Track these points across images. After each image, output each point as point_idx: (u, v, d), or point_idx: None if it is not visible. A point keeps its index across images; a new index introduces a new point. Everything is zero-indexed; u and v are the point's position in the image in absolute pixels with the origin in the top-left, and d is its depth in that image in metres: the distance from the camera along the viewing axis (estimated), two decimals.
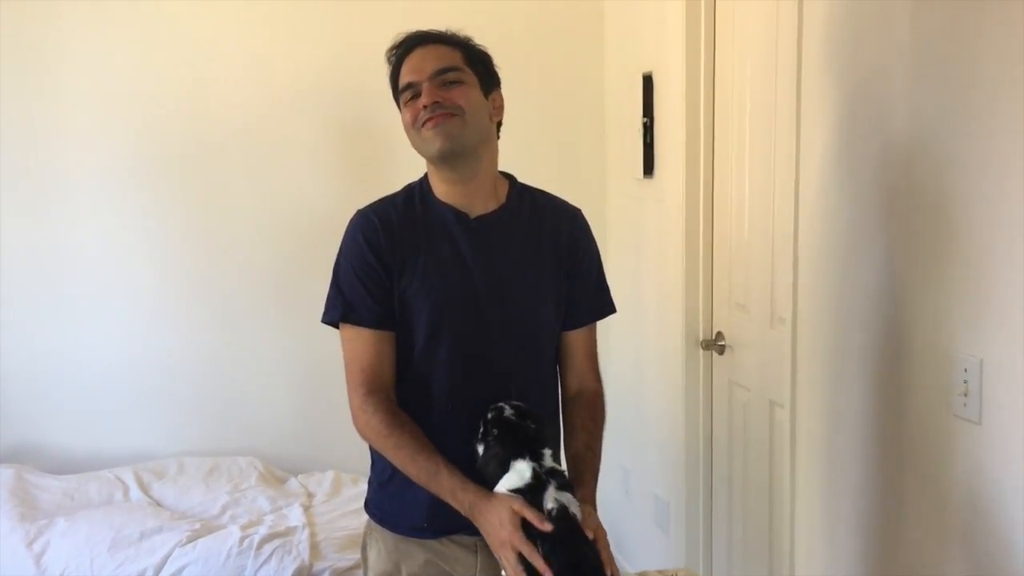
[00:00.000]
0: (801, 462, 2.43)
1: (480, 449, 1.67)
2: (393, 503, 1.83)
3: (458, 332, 1.75)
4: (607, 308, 1.93)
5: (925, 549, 1.93)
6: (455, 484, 1.63)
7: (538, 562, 1.53)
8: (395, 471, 1.76)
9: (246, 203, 3.55)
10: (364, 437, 1.74)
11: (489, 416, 1.68)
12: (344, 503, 3.16)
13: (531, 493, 1.59)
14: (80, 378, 3.49)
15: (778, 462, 2.64)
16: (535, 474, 1.61)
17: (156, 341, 3.53)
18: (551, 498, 1.59)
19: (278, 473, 3.47)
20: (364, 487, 1.93)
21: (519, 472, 1.61)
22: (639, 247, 3.50)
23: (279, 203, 3.57)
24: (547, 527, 1.55)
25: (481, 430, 1.68)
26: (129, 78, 3.44)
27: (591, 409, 1.86)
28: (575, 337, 1.88)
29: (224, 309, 3.57)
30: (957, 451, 1.80)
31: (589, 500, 1.72)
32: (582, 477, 1.75)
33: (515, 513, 1.57)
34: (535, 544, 1.55)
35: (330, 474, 3.43)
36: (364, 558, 1.91)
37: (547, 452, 1.65)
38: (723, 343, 3.01)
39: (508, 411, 1.67)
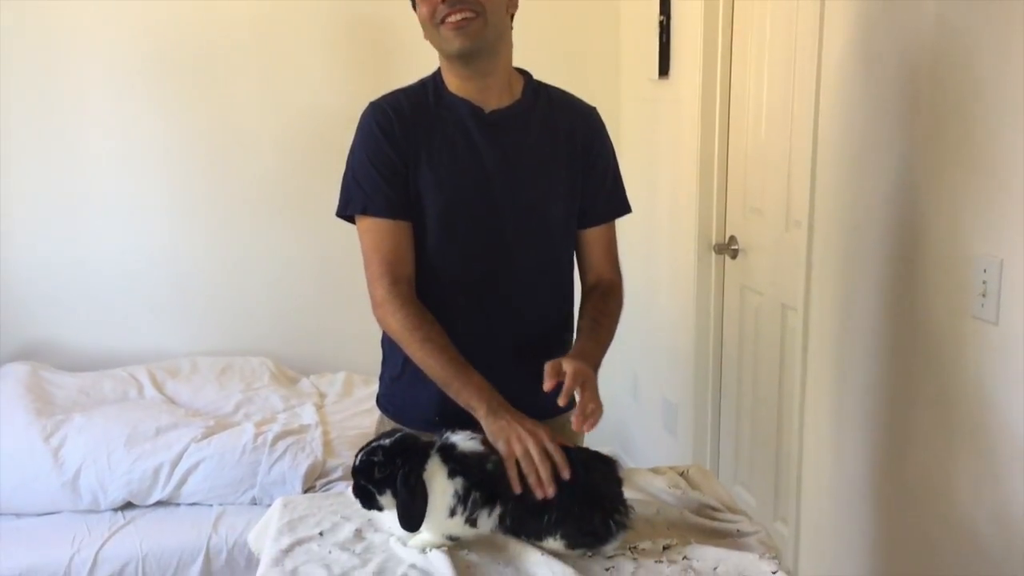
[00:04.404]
0: (812, 364, 2.44)
1: (388, 501, 1.50)
2: (405, 397, 1.84)
3: (471, 224, 1.74)
4: (622, 207, 1.90)
5: (932, 447, 1.94)
6: (482, 383, 1.61)
7: (564, 465, 1.49)
8: (406, 366, 1.77)
9: (256, 102, 3.50)
10: (388, 329, 1.73)
11: (376, 459, 1.50)
12: (355, 403, 3.19)
13: (469, 475, 1.50)
14: (92, 278, 3.49)
15: (788, 365, 2.65)
16: (455, 458, 1.51)
17: (167, 242, 3.52)
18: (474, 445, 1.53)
19: (290, 373, 3.49)
20: (375, 387, 1.93)
21: (435, 472, 1.49)
22: (653, 150, 3.45)
23: (289, 102, 3.52)
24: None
25: (375, 481, 1.50)
26: None
27: (604, 296, 1.84)
28: (591, 235, 1.86)
29: (236, 210, 3.55)
30: (972, 351, 1.80)
31: (579, 351, 1.68)
32: (578, 340, 1.74)
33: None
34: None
35: (341, 374, 3.46)
36: None
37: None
38: (736, 247, 2.99)
39: (385, 442, 1.52)
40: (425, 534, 1.53)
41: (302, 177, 3.51)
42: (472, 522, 1.50)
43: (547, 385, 1.53)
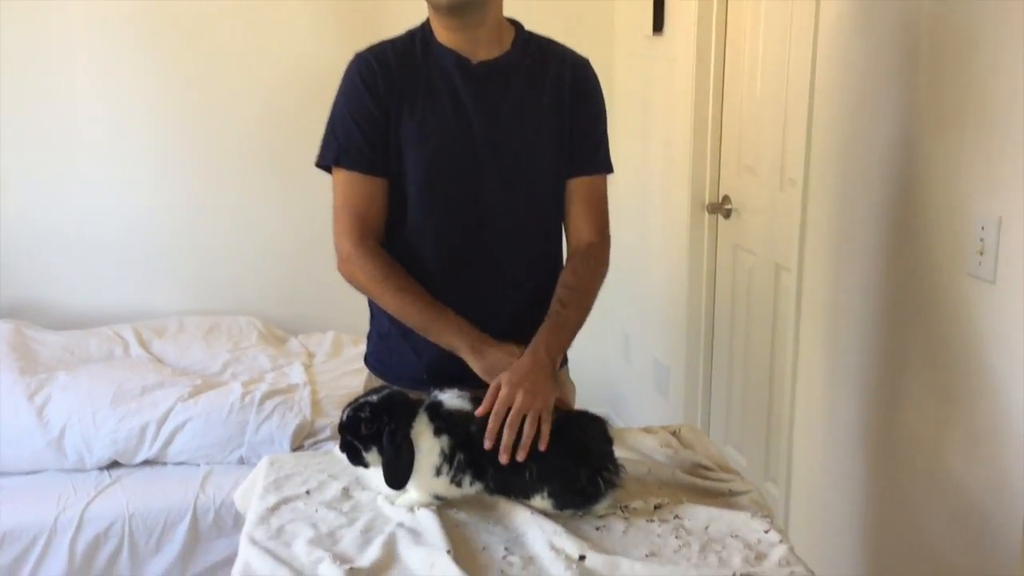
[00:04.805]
0: (805, 325, 2.42)
1: (374, 458, 1.48)
2: (393, 355, 1.81)
3: (455, 180, 1.69)
4: (603, 164, 1.82)
5: (925, 409, 1.93)
6: (462, 322, 1.60)
7: (544, 440, 1.48)
8: (394, 323, 1.74)
9: (245, 59, 3.44)
10: (356, 283, 1.70)
11: (363, 415, 1.47)
12: (344, 363, 3.16)
13: (456, 434, 1.47)
14: (77, 236, 3.44)
15: (781, 326, 2.63)
16: (442, 416, 1.48)
17: (154, 200, 3.47)
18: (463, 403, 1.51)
19: (278, 333, 3.46)
20: (364, 347, 1.90)
21: (421, 430, 1.46)
22: (646, 108, 3.40)
23: (278, 58, 3.46)
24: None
25: (361, 437, 1.48)
26: None
27: (577, 265, 1.77)
28: (572, 188, 1.79)
29: (224, 167, 3.50)
30: (968, 311, 1.77)
31: (532, 350, 1.59)
32: (540, 329, 1.64)
33: None
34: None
35: (330, 334, 3.43)
36: None
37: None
38: (730, 207, 2.95)
39: (373, 399, 1.49)
40: (412, 493, 1.51)
41: (291, 134, 3.45)
42: (457, 483, 1.48)
43: (480, 411, 1.49)
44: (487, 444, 1.46)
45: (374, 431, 1.47)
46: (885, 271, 2.04)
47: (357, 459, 1.50)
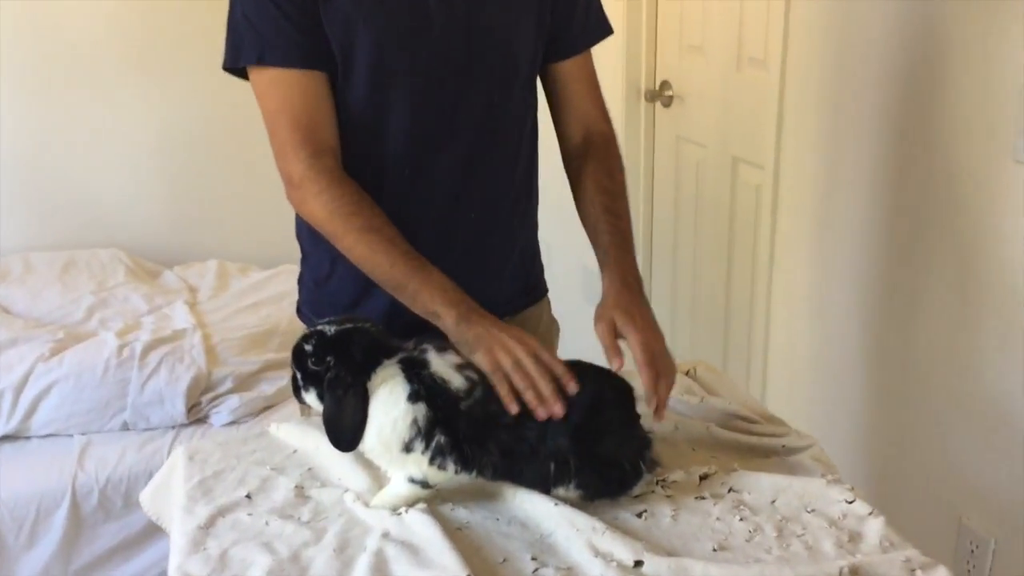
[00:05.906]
0: (784, 225, 2.17)
1: (314, 401, 1.17)
2: (336, 304, 1.45)
3: (410, 71, 1.34)
4: (603, 27, 1.53)
5: (950, 316, 1.72)
6: (449, 283, 1.25)
7: (567, 376, 1.14)
8: (337, 264, 1.40)
9: None
10: (311, 217, 1.33)
11: (308, 348, 1.16)
12: (235, 298, 2.83)
13: (438, 407, 1.14)
14: None
15: (743, 228, 2.37)
16: (423, 380, 1.14)
17: None
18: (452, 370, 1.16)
19: (149, 266, 3.12)
20: (254, 277, 1.56)
21: (391, 389, 1.13)
22: None
23: None
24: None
25: (300, 376, 1.18)
26: None
27: (605, 161, 1.49)
28: (569, 70, 1.49)
29: (68, 71, 3.08)
30: (1011, 203, 1.54)
31: (619, 279, 1.35)
32: (607, 252, 1.39)
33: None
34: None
35: (212, 264, 3.10)
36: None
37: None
38: (670, 93, 2.63)
39: (328, 330, 1.17)
40: (397, 486, 1.17)
41: (157, 29, 3.02)
42: (439, 466, 1.14)
43: (616, 364, 1.25)
44: (650, 404, 1.21)
45: (321, 370, 1.15)
46: (898, 157, 1.79)
47: (296, 394, 1.21)
